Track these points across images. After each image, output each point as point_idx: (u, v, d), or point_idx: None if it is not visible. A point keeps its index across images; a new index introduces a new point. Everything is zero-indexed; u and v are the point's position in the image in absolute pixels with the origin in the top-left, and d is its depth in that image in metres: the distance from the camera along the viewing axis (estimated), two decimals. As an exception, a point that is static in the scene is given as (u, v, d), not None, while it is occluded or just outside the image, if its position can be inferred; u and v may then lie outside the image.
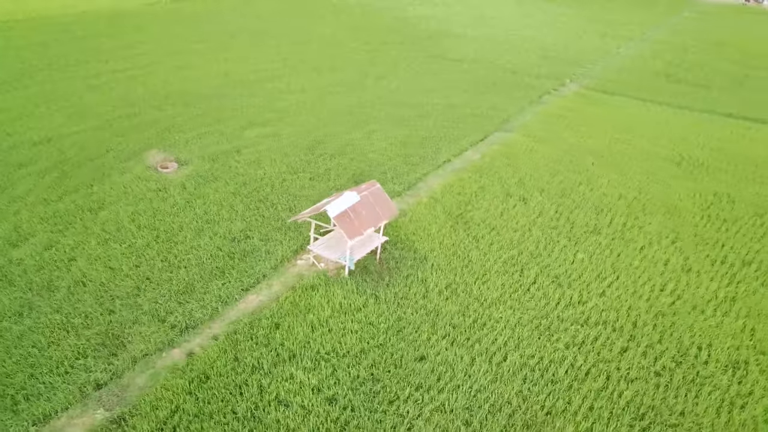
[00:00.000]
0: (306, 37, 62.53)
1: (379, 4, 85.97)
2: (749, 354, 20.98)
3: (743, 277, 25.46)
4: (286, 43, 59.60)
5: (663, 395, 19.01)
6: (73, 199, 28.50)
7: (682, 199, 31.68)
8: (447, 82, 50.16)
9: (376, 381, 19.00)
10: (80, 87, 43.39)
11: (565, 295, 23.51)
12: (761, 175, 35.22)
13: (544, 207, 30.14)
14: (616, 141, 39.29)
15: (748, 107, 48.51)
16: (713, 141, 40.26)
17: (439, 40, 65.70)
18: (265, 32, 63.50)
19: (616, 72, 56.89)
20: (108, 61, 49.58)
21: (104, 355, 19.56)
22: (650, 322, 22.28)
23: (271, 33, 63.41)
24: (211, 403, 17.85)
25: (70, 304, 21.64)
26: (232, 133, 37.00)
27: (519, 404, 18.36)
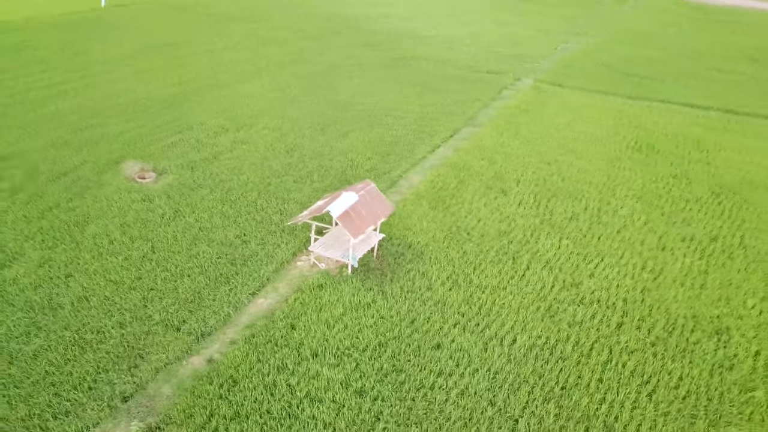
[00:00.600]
0: (258, 41, 62.18)
1: (332, 7, 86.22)
2: (729, 321, 23.03)
3: (711, 251, 27.71)
4: (242, 48, 59.11)
5: (661, 363, 20.68)
6: (56, 215, 27.79)
7: (646, 183, 33.94)
8: (411, 81, 51.17)
9: (399, 371, 19.79)
10: (37, 97, 41.83)
11: (558, 279, 24.99)
12: (712, 158, 38.07)
13: (523, 197, 31.65)
14: (577, 131, 41.42)
15: (691, 96, 51.88)
16: (666, 128, 43.06)
17: (397, 40, 66.68)
18: (214, 38, 62.70)
19: (566, 66, 59.57)
20: (59, 70, 47.91)
21: (125, 368, 19.50)
22: (638, 298, 24.04)
23: (222, 38, 62.69)
24: (244, 405, 18.17)
25: (78, 320, 21.33)
26: (205, 140, 36.75)
27: (536, 381, 19.59)
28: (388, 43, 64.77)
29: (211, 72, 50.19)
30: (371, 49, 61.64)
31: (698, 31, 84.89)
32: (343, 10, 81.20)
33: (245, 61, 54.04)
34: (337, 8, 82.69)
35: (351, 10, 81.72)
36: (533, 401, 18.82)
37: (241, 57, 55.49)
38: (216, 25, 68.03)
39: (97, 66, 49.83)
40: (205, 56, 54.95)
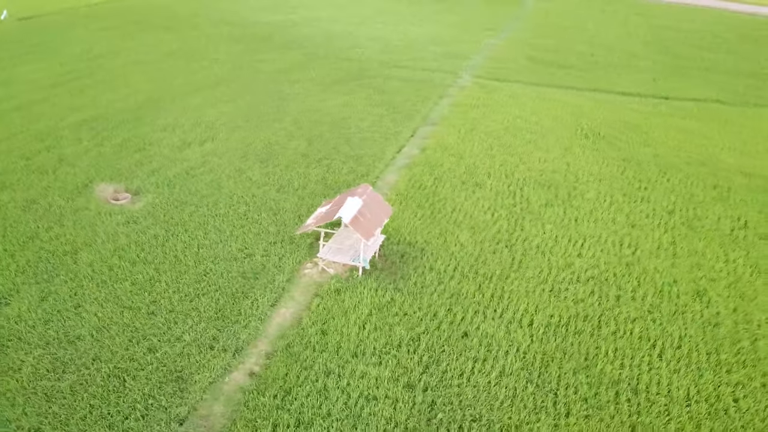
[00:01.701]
0: (191, 50, 60.68)
1: (260, 14, 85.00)
2: (705, 284, 26.00)
3: (673, 224, 30.89)
4: (177, 57, 57.46)
5: (661, 326, 23.15)
6: (39, 245, 26.57)
7: (602, 168, 36.98)
8: (356, 84, 52.03)
9: (438, 362, 20.96)
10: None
11: (552, 262, 27.06)
12: (651, 140, 41.90)
13: (498, 189, 33.63)
14: (528, 123, 44.10)
15: (619, 84, 56.30)
16: (604, 115, 46.72)
17: (329, 43, 67.06)
18: (145, 48, 60.55)
19: (497, 61, 62.64)
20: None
21: (171, 391, 19.39)
22: (625, 272, 26.56)
23: (153, 48, 60.64)
24: (304, 412, 18.69)
25: (105, 350, 20.85)
26: (172, 156, 35.98)
27: (562, 356, 21.41)
28: (322, 46, 65.16)
29: (153, 85, 48.64)
30: (306, 53, 61.80)
31: (616, 23, 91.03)
32: (267, 17, 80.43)
33: (186, 72, 52.77)
34: (260, 15, 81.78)
35: (275, 17, 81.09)
36: (565, 374, 20.61)
37: (179, 67, 54.08)
38: (141, 35, 65.58)
39: (24, 86, 46.91)
40: (140, 68, 53.07)
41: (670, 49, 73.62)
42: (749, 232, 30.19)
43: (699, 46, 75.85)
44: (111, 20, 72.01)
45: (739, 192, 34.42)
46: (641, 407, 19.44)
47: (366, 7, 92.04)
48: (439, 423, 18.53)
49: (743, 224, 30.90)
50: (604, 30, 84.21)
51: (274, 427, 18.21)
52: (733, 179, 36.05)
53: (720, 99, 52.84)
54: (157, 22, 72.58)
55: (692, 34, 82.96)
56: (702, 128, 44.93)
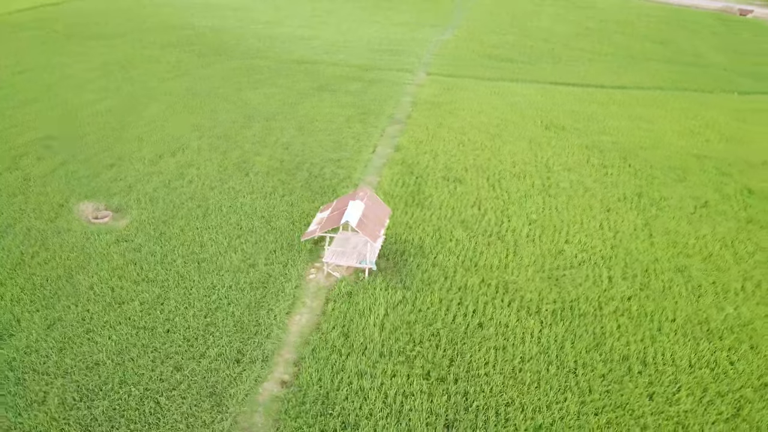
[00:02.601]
0: (126, 59, 58.68)
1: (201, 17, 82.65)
2: (683, 260, 28.19)
3: (643, 206, 33.13)
4: (114, 68, 55.38)
5: (654, 302, 25.02)
6: (29, 272, 25.55)
7: (568, 157, 38.99)
8: (314, 86, 51.95)
9: (462, 354, 21.88)
10: None
11: (544, 250, 28.54)
12: (610, 127, 44.41)
13: (477, 183, 34.89)
14: (490, 117, 45.67)
15: (567, 76, 58.97)
16: (560, 106, 49.02)
17: (274, 45, 66.34)
18: (78, 59, 58.03)
19: (446, 58, 64.12)
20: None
21: (209, 407, 19.40)
22: (612, 254, 28.39)
23: (86, 58, 58.20)
24: (348, 414, 19.16)
25: (130, 373, 20.52)
26: (146, 170, 35.08)
27: (573, 338, 22.82)
28: (271, 50, 64.52)
29: (98, 97, 46.75)
30: (254, 58, 61.10)
31: (552, 17, 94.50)
32: (202, 21, 78.48)
33: (128, 82, 50.97)
34: (188, 18, 79.69)
35: (210, 21, 79.28)
36: (580, 354, 22.02)
37: (120, 78, 52.04)
38: (69, 44, 62.54)
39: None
40: (77, 82, 50.75)
41: (607, 39, 77.53)
42: (710, 210, 32.83)
43: (633, 36, 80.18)
44: (37, 31, 68.32)
45: (695, 173, 37.24)
46: (653, 377, 21.11)
47: (302, 8, 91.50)
48: (477, 410, 19.47)
49: (704, 203, 33.54)
50: (543, 23, 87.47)
51: (321, 430, 18.60)
52: (687, 161, 38.92)
53: (659, 86, 56.48)
54: (85, 31, 69.33)
55: (626, 26, 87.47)
56: (648, 114, 47.99)
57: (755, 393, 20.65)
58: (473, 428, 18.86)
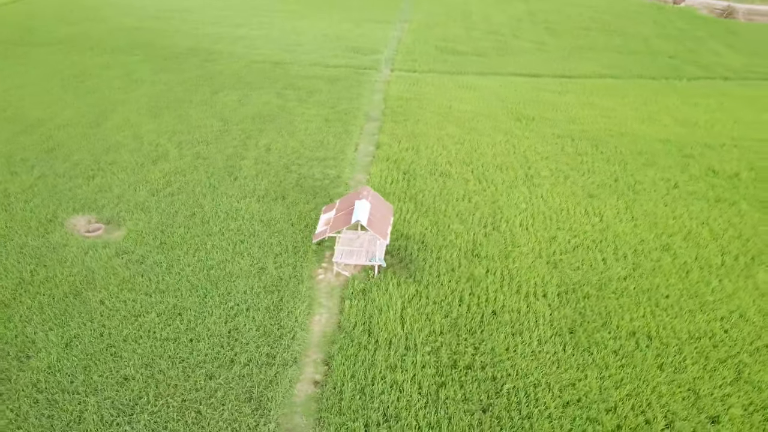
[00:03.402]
0: (79, 67, 56.80)
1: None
2: (666, 239, 30.18)
3: (621, 191, 35.08)
4: (69, 78, 53.54)
5: (648, 279, 26.79)
6: (33, 291, 24.95)
7: (544, 146, 40.67)
8: (282, 86, 51.78)
9: (483, 341, 22.91)
10: None
11: (539, 237, 29.94)
12: (576, 116, 46.46)
13: (464, 176, 36.02)
14: (462, 111, 46.90)
15: (526, 67, 60.87)
16: (524, 96, 50.77)
17: (221, 47, 65.36)
18: (22, 68, 55.74)
19: (407, 53, 64.95)
20: None
21: (250, 413, 19.70)
22: (601, 237, 30.08)
23: (34, 68, 55.96)
24: (387, 407, 19.86)
25: (164, 385, 20.55)
26: (130, 178, 34.41)
27: (582, 318, 24.24)
28: (225, 51, 63.65)
29: (58, 108, 45.08)
30: (208, 58, 60.23)
31: (500, 9, 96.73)
32: (143, 23, 76.34)
33: (85, 91, 49.46)
34: (132, 22, 77.49)
35: (154, 23, 77.18)
36: (591, 333, 23.46)
37: (74, 88, 50.40)
38: (17, 52, 59.89)
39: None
40: (32, 90, 48.88)
41: (552, 30, 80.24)
42: (681, 191, 35.12)
43: (582, 27, 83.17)
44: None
45: (661, 157, 39.62)
46: (659, 350, 22.77)
47: (241, 8, 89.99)
48: (508, 393, 20.56)
49: (674, 185, 35.82)
50: (485, 15, 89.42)
51: (366, 426, 19.25)
52: (652, 146, 41.32)
53: (610, 74, 59.23)
54: (30, 38, 66.47)
55: (569, 16, 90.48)
56: (608, 103, 50.42)
57: (751, 357, 22.62)
58: (508, 410, 19.93)
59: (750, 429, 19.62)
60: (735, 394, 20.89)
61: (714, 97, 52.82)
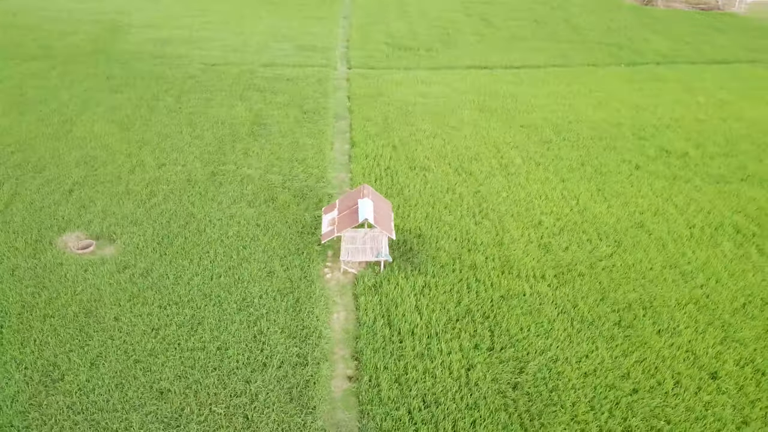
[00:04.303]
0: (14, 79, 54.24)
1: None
2: (639, 217, 32.74)
3: (589, 174, 37.51)
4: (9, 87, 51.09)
5: (632, 254, 29.13)
6: (40, 314, 24.41)
7: (512, 136, 42.68)
8: (244, 89, 51.39)
9: (499, 324, 24.43)
10: None
11: (526, 222, 31.77)
12: (530, 105, 48.74)
13: (443, 169, 37.42)
14: (426, 106, 48.22)
15: (476, 59, 62.71)
16: (481, 88, 52.65)
17: (170, 51, 63.80)
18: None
19: (359, 50, 65.51)
20: None
21: (295, 412, 20.36)
22: (581, 219, 32.27)
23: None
24: (424, 395, 21.00)
25: (200, 393, 20.76)
26: (110, 190, 33.64)
27: (581, 296, 26.21)
28: (171, 55, 62.10)
29: (9, 123, 43.27)
30: (156, 63, 58.72)
31: (435, 3, 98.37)
32: (79, 27, 73.34)
33: (37, 103, 47.46)
34: (61, 26, 74.31)
35: (88, 27, 74.20)
36: (592, 308, 25.45)
37: (20, 100, 48.30)
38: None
39: None
40: None
41: (494, 23, 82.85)
42: (643, 172, 37.97)
43: (515, 18, 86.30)
44: None
45: (618, 140, 42.51)
46: (655, 318, 25.04)
47: (174, 9, 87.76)
48: (532, 369, 22.14)
49: (635, 167, 38.65)
50: (422, 9, 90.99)
51: (409, 413, 20.32)
52: (608, 130, 44.20)
53: (556, 63, 62.28)
54: None
55: (506, 9, 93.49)
56: (560, 90, 53.15)
57: (732, 317, 25.26)
58: (536, 385, 21.52)
59: (744, 380, 22.10)
60: (726, 352, 23.38)
61: (651, 82, 56.70)
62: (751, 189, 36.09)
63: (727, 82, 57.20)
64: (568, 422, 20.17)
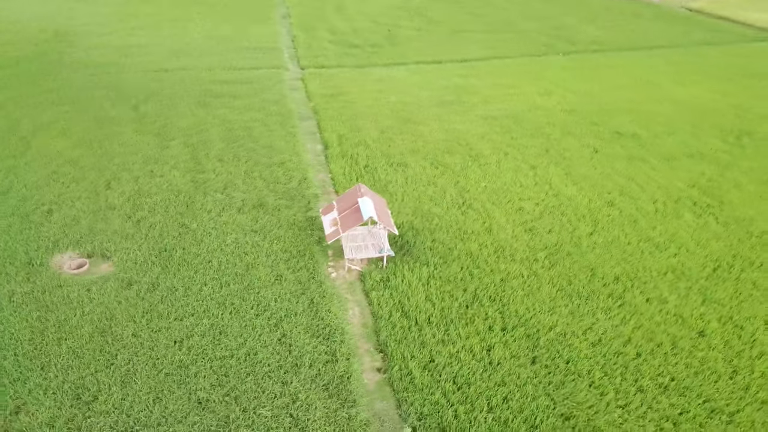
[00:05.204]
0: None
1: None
2: (607, 196, 35.38)
3: (555, 160, 39.95)
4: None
5: (610, 232, 31.62)
6: (54, 338, 23.96)
7: (477, 128, 44.61)
8: (196, 94, 50.60)
9: (505, 303, 26.12)
10: None
11: (509, 209, 33.68)
12: (488, 97, 50.93)
13: (419, 164, 38.81)
14: (387, 102, 49.27)
15: (422, 54, 64.30)
16: (437, 83, 54.41)
17: (107, 57, 61.73)
18: None
19: (308, 49, 65.71)
20: None
21: (338, 406, 21.23)
22: (557, 202, 34.53)
23: None
24: (455, 376, 22.34)
25: (242, 397, 21.25)
26: (90, 208, 32.83)
27: (573, 274, 28.33)
28: (116, 62, 60.20)
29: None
30: (101, 70, 56.94)
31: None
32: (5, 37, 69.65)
33: None
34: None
35: (5, 36, 70.59)
36: (585, 284, 27.62)
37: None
38: None
39: None
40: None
41: (432, 17, 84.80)
42: (602, 154, 40.88)
43: (451, 12, 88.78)
44: None
45: (574, 126, 45.39)
46: (642, 287, 27.52)
47: (102, 14, 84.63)
48: (546, 344, 23.96)
49: (594, 150, 41.54)
50: (358, 6, 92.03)
51: (444, 394, 21.64)
52: (562, 117, 47.03)
53: (500, 55, 65.01)
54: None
55: (441, 3, 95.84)
56: (509, 81, 55.76)
57: (707, 281, 28.13)
58: (552, 358, 23.36)
59: (728, 335, 24.85)
60: (708, 312, 26.12)
61: (589, 69, 60.43)
62: (698, 164, 39.72)
63: (655, 66, 61.81)
64: (588, 388, 22.13)
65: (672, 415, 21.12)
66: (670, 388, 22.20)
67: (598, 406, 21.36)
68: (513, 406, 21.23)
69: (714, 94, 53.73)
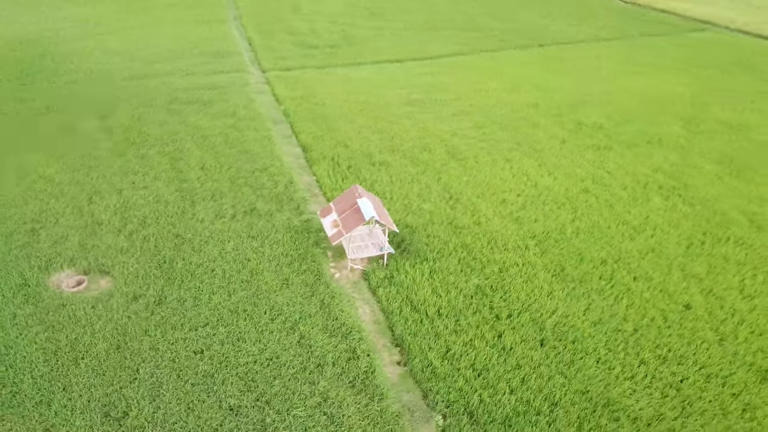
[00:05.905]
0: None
1: None
2: (581, 184, 37.43)
3: (529, 151, 41.79)
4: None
5: (589, 218, 33.60)
6: (71, 358, 23.70)
7: (447, 125, 45.96)
8: (167, 101, 49.78)
9: (508, 292, 27.54)
10: None
11: (493, 201, 35.17)
12: (458, 94, 52.30)
13: (400, 162, 39.83)
14: (357, 102, 49.95)
15: (385, 53, 65.06)
16: (403, 82, 55.45)
17: (78, 61, 59.74)
18: None
19: (269, 51, 65.37)
20: None
21: (368, 401, 22.07)
22: (536, 192, 36.29)
23: None
24: (473, 364, 23.56)
25: (275, 400, 21.77)
26: (78, 223, 32.21)
27: (565, 260, 30.09)
28: (77, 72, 58.29)
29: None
30: (55, 81, 55.20)
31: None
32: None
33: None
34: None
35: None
36: (576, 268, 29.40)
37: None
38: None
39: None
40: None
41: (382, 15, 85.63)
42: (570, 144, 43.06)
43: (402, 10, 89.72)
44: None
45: (541, 118, 47.47)
46: (628, 267, 29.55)
47: (52, 18, 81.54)
48: (552, 327, 25.52)
49: (562, 141, 43.68)
50: (319, 6, 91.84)
51: (467, 380, 22.82)
52: (529, 111, 49.05)
53: (460, 52, 66.70)
54: None
55: (394, 2, 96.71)
56: (473, 77, 57.43)
57: (684, 258, 30.46)
58: (559, 339, 24.93)
59: (710, 305, 27.13)
60: (690, 287, 28.37)
61: (546, 62, 63.00)
62: (659, 150, 42.48)
63: (609, 58, 65.03)
64: (596, 364, 23.80)
65: (674, 382, 23.06)
66: (668, 358, 24.16)
67: (608, 380, 23.07)
68: (532, 386, 22.64)
69: (665, 84, 57.09)
